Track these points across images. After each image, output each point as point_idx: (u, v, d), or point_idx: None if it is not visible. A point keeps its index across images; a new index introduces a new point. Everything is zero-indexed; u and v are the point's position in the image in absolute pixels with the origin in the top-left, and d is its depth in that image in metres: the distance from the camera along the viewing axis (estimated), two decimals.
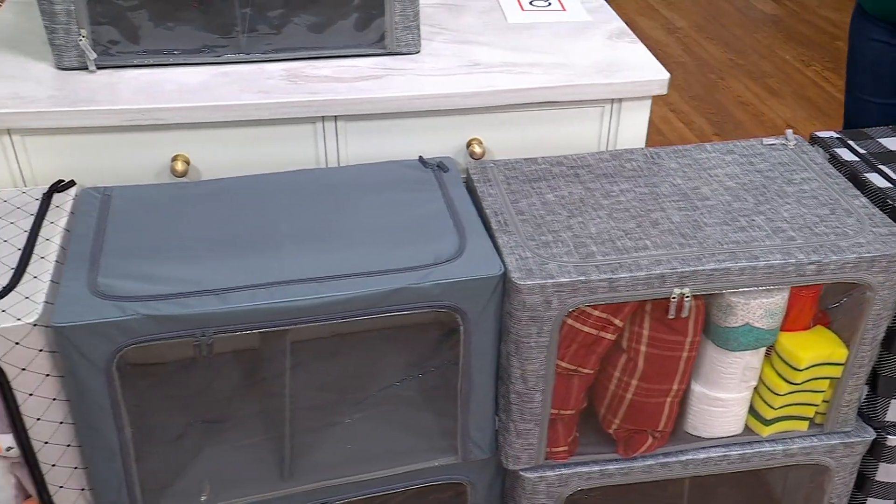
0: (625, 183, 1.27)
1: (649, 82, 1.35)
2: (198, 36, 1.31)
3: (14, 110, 1.18)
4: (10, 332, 0.96)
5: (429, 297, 1.07)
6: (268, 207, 1.20)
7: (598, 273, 1.06)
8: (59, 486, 1.08)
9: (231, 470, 1.20)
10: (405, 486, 1.27)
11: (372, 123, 1.33)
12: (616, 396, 1.20)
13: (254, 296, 1.03)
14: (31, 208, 1.17)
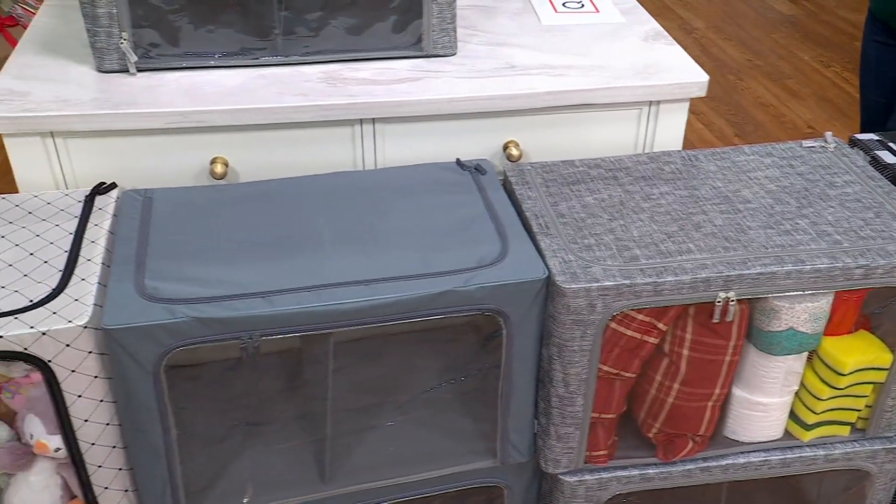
0: (664, 185, 1.27)
1: (688, 84, 1.35)
2: (236, 38, 1.31)
3: (58, 113, 1.18)
4: (61, 334, 0.96)
5: (472, 301, 1.06)
6: (307, 210, 1.20)
7: (642, 277, 1.06)
8: (104, 487, 1.09)
9: (271, 472, 1.20)
10: (443, 490, 1.27)
11: (409, 126, 1.33)
12: (657, 400, 1.20)
13: (299, 299, 1.03)
14: (75, 210, 1.17)
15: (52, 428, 1.03)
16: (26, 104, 1.19)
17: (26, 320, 0.96)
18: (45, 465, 1.07)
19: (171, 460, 1.07)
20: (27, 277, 1.03)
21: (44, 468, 1.07)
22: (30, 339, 0.95)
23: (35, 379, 1.04)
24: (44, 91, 1.23)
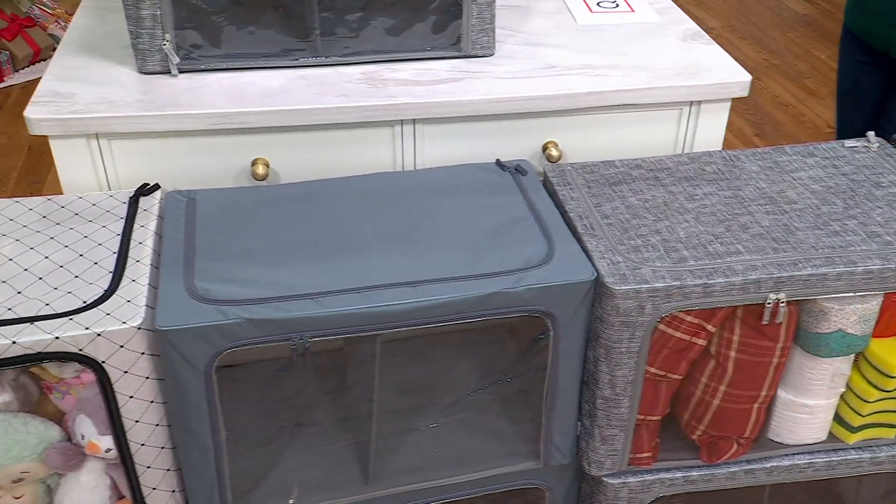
0: (707, 186, 1.27)
1: (731, 84, 1.35)
2: (276, 40, 1.32)
3: (104, 115, 1.19)
4: (116, 336, 0.97)
5: (521, 302, 1.07)
6: (350, 210, 1.20)
7: (692, 278, 1.06)
8: (152, 487, 1.09)
9: (315, 473, 1.20)
10: (485, 491, 1.27)
11: (448, 126, 1.33)
12: (702, 402, 1.19)
13: (348, 300, 1.03)
14: (120, 212, 1.18)
15: (103, 428, 1.04)
16: (72, 106, 1.20)
17: (81, 321, 0.96)
18: (94, 466, 1.08)
19: (220, 461, 1.08)
20: (78, 279, 1.04)
21: (93, 468, 1.08)
22: (85, 340, 0.96)
23: (86, 380, 1.05)
24: (88, 93, 1.23)
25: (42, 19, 3.85)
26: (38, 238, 1.10)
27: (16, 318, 0.96)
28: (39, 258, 1.07)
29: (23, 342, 0.94)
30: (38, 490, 1.09)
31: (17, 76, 3.63)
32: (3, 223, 1.13)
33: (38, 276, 1.03)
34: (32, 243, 1.09)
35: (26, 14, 3.79)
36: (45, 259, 1.06)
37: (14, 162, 3.04)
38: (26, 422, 1.03)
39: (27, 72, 3.67)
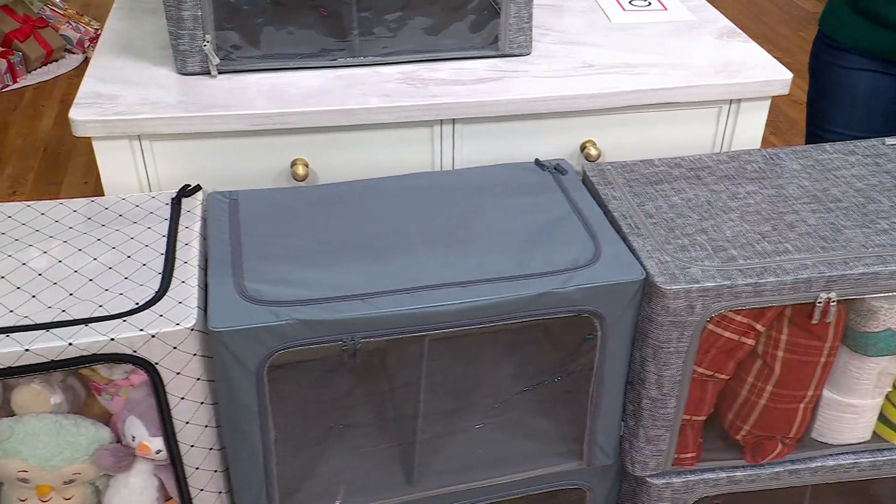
0: (749, 185, 1.27)
1: (771, 82, 1.35)
2: (316, 40, 1.33)
3: (148, 116, 1.20)
4: (169, 337, 0.98)
5: (570, 302, 1.07)
6: (393, 211, 1.21)
7: (742, 277, 1.07)
8: (199, 489, 1.10)
9: (360, 474, 1.21)
10: (527, 492, 1.28)
11: (487, 126, 1.34)
12: (748, 402, 1.20)
13: (398, 300, 1.04)
14: (163, 213, 1.19)
15: (153, 430, 1.05)
16: (116, 107, 1.21)
17: (135, 323, 0.98)
18: (143, 467, 1.09)
19: (269, 462, 1.09)
20: (128, 280, 1.05)
21: (142, 470, 1.09)
22: (139, 342, 0.97)
23: (135, 381, 1.06)
24: (131, 94, 1.25)
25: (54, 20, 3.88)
26: (85, 240, 1.12)
27: (70, 319, 0.97)
28: (88, 260, 1.08)
29: (78, 343, 0.95)
30: (87, 492, 1.10)
31: (29, 77, 3.66)
32: (49, 225, 1.14)
33: (89, 278, 1.05)
34: (80, 245, 1.11)
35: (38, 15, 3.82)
36: (93, 261, 1.08)
37: (30, 163, 3.06)
38: (77, 423, 1.05)
39: (40, 72, 3.70)
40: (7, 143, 3.19)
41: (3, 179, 2.96)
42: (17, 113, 3.43)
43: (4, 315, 0.98)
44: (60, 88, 3.62)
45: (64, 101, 3.51)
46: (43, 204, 1.18)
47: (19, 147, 3.17)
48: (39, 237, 1.12)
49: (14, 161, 3.08)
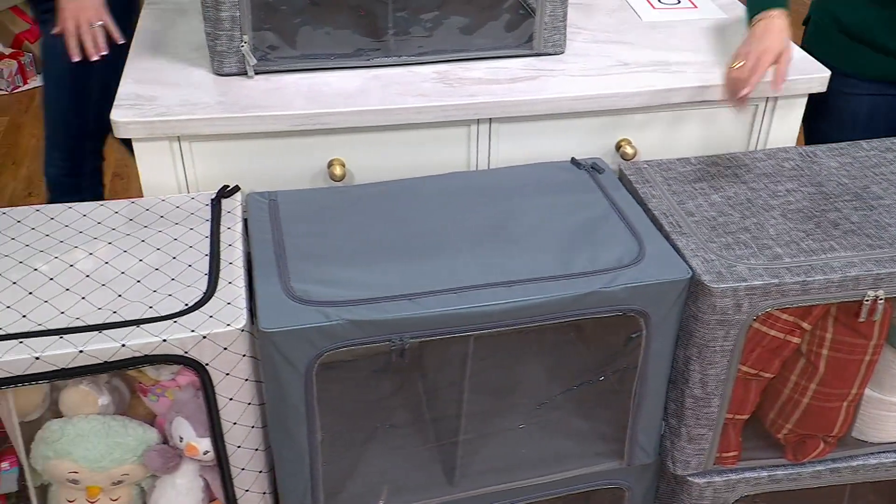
0: (788, 182, 1.28)
1: (810, 80, 1.36)
2: (352, 40, 1.34)
3: (188, 117, 1.21)
4: (220, 338, 0.99)
5: (616, 301, 1.09)
6: (432, 210, 1.22)
7: (790, 276, 1.08)
8: (245, 489, 1.12)
9: (401, 474, 1.22)
10: (567, 491, 1.29)
11: (523, 125, 1.36)
12: (790, 401, 1.21)
13: (445, 300, 1.05)
14: (204, 214, 1.20)
15: (201, 430, 1.06)
16: (156, 109, 1.22)
17: (186, 324, 0.99)
18: (189, 468, 1.10)
19: (315, 462, 1.10)
20: (175, 281, 1.06)
21: (189, 470, 1.10)
22: (191, 343, 0.98)
23: (181, 382, 1.08)
24: (169, 95, 1.26)
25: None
26: (129, 241, 1.13)
27: (122, 320, 0.99)
28: (134, 261, 1.09)
29: (131, 345, 0.96)
30: (133, 493, 1.11)
31: (39, 78, 3.67)
32: (92, 226, 1.16)
33: (136, 279, 1.06)
34: (125, 246, 1.12)
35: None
36: (139, 262, 1.09)
37: None
38: (125, 424, 1.06)
39: None
40: (20, 145, 3.20)
41: (18, 181, 2.97)
42: (28, 114, 3.44)
43: (56, 317, 0.99)
44: None
45: None
46: (85, 205, 1.20)
47: (32, 148, 3.18)
48: (84, 238, 1.13)
49: (28, 162, 3.09)
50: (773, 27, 1.20)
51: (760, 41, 1.20)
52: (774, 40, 1.20)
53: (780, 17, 1.21)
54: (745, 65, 1.20)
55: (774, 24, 1.20)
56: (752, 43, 1.21)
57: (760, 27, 1.21)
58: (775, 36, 1.20)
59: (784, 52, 1.20)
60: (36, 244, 1.11)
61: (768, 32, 1.20)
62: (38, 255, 1.09)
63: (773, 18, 1.21)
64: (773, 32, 1.20)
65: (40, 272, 1.06)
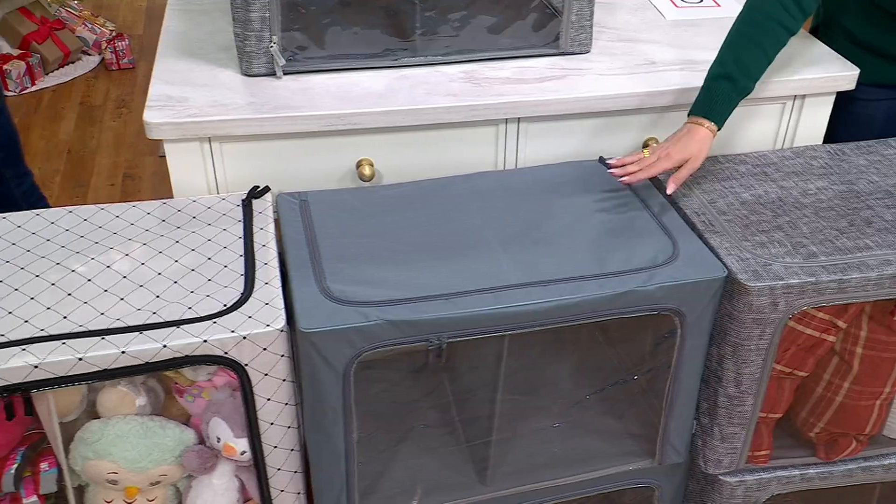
0: (818, 181, 1.29)
1: (838, 77, 1.37)
2: (380, 40, 1.35)
3: (220, 118, 1.22)
4: (260, 338, 1.00)
5: (652, 300, 1.09)
6: (463, 210, 1.23)
7: (826, 274, 1.08)
8: (280, 489, 1.12)
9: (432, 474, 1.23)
10: (597, 491, 1.30)
11: (551, 124, 1.36)
12: (823, 399, 1.22)
13: (481, 300, 1.06)
14: (235, 214, 1.21)
15: (238, 431, 1.07)
16: (188, 110, 1.23)
17: (226, 324, 1.00)
18: (226, 468, 1.11)
19: (350, 462, 1.11)
20: (212, 282, 1.07)
21: (225, 471, 1.11)
22: (231, 343, 0.99)
23: (218, 382, 1.09)
24: (200, 96, 1.27)
25: (70, 22, 3.90)
26: (163, 242, 1.14)
27: (162, 321, 0.99)
28: (170, 262, 1.10)
29: (172, 346, 0.97)
30: (168, 493, 1.12)
31: (47, 79, 3.68)
32: (126, 227, 1.16)
33: (173, 280, 1.07)
34: (160, 247, 1.13)
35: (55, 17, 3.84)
36: (175, 263, 1.10)
37: (55, 166, 3.09)
38: (163, 425, 1.07)
39: (57, 74, 3.72)
40: (30, 146, 3.21)
41: None
42: (37, 115, 3.45)
43: (96, 318, 1.00)
44: (79, 90, 3.64)
45: (84, 102, 3.54)
46: (117, 207, 1.20)
47: (42, 149, 3.19)
48: (118, 240, 1.14)
49: (39, 163, 3.10)
50: (696, 135, 1.22)
51: (676, 143, 1.22)
52: (689, 147, 1.22)
53: (707, 129, 1.22)
54: (648, 158, 1.23)
55: (698, 132, 1.22)
56: (669, 142, 1.23)
57: (685, 129, 1.23)
58: (693, 143, 1.22)
59: (691, 160, 1.22)
60: (71, 245, 1.12)
61: (688, 137, 1.22)
62: (75, 256, 1.10)
63: (700, 128, 1.22)
64: (692, 140, 1.22)
65: (78, 273, 1.07)
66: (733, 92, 1.23)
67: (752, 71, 1.24)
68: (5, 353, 0.93)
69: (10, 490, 1.03)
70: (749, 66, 1.24)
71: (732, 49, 1.25)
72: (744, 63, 1.23)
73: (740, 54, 1.24)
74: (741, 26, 1.26)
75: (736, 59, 1.23)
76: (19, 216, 1.18)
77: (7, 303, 1.01)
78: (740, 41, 1.25)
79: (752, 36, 1.24)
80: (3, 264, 1.08)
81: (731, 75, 1.23)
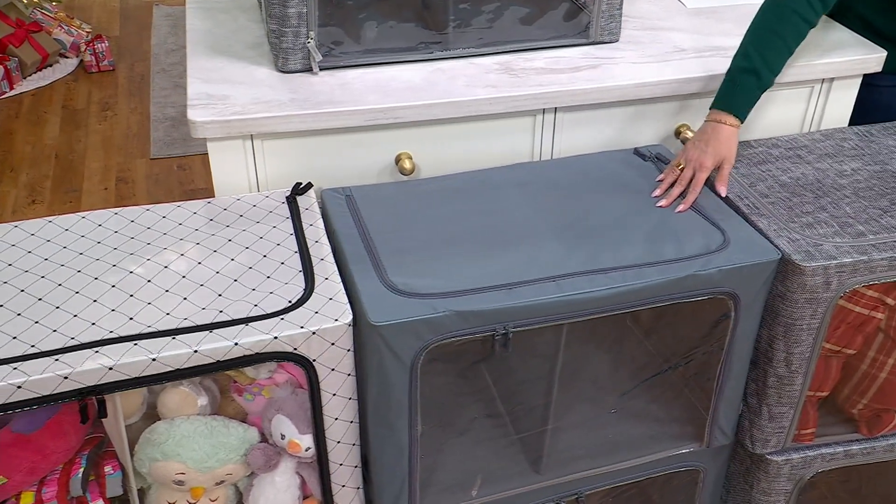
0: (851, 162, 1.33)
1: (866, 60, 1.41)
2: (415, 33, 1.36)
3: (263, 115, 1.22)
4: (328, 333, 1.01)
5: (711, 284, 1.12)
6: (509, 201, 1.25)
7: (877, 252, 1.12)
8: (341, 485, 1.14)
9: (489, 463, 1.25)
10: (645, 475, 1.33)
11: (586, 113, 1.39)
12: (867, 376, 1.26)
13: (545, 289, 1.08)
14: (282, 211, 1.22)
15: (303, 427, 1.08)
16: (231, 108, 1.23)
17: (293, 321, 1.01)
18: (288, 465, 1.12)
19: (413, 455, 1.13)
20: (272, 279, 1.08)
21: (287, 468, 1.12)
22: (300, 339, 1.00)
23: (279, 380, 1.09)
24: (240, 94, 1.27)
25: (46, 24, 3.85)
26: (216, 241, 1.14)
27: (231, 319, 1.00)
28: (226, 260, 1.10)
29: (243, 343, 0.98)
30: (229, 493, 1.13)
31: (25, 83, 3.63)
32: (175, 227, 1.17)
33: (233, 279, 1.07)
34: (213, 246, 1.13)
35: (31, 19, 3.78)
36: (231, 261, 1.10)
37: (44, 171, 3.05)
38: (227, 424, 1.08)
39: (36, 78, 3.67)
40: (15, 151, 3.17)
41: (19, 188, 2.94)
42: (19, 120, 3.40)
43: (163, 318, 1.00)
44: (60, 94, 3.60)
45: (66, 106, 3.50)
46: (162, 207, 1.20)
47: (29, 155, 3.15)
48: (170, 240, 1.14)
49: (26, 169, 3.06)
50: (722, 135, 1.25)
51: (705, 149, 1.25)
52: (719, 150, 1.25)
53: (730, 126, 1.26)
54: (685, 172, 1.25)
55: (723, 131, 1.25)
56: (698, 150, 1.26)
57: (709, 129, 1.27)
58: (721, 146, 1.25)
59: (726, 161, 1.26)
60: (123, 247, 1.12)
61: (715, 141, 1.25)
62: (130, 257, 1.10)
63: (723, 126, 1.26)
64: (719, 142, 1.25)
65: (136, 274, 1.07)
66: (757, 87, 1.27)
67: (776, 65, 1.28)
68: (78, 356, 0.93)
69: (77, 494, 1.02)
70: (773, 61, 1.28)
71: (756, 43, 1.28)
72: (768, 58, 1.27)
73: (764, 49, 1.27)
74: (764, 19, 1.29)
75: (761, 54, 1.27)
76: (63, 219, 1.17)
77: (70, 306, 1.01)
78: (764, 35, 1.28)
79: (775, 30, 1.28)
80: (59, 268, 1.08)
81: (757, 69, 1.26)
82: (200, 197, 1.76)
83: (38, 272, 1.07)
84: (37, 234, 1.15)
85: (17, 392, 0.92)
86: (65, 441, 1.02)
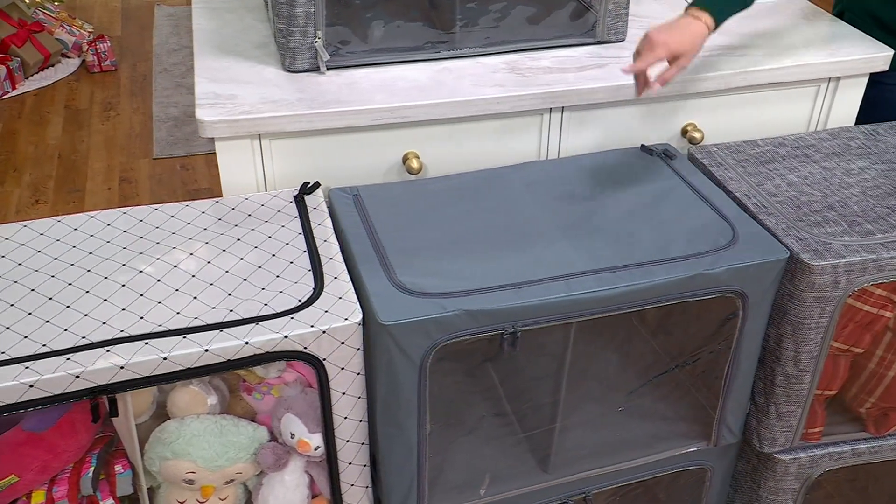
0: (859, 161, 1.33)
1: (874, 59, 1.42)
2: (422, 33, 1.37)
3: (271, 114, 1.23)
4: (338, 332, 1.01)
5: (718, 283, 1.13)
6: (517, 200, 1.25)
7: (886, 251, 1.12)
8: (350, 484, 1.14)
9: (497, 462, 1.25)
10: (652, 474, 1.33)
11: (593, 112, 1.39)
12: (874, 375, 1.26)
13: (553, 288, 1.08)
14: (290, 211, 1.22)
15: (312, 426, 1.08)
16: (239, 107, 1.24)
17: (303, 320, 1.01)
18: (297, 464, 1.12)
19: (422, 454, 1.13)
20: (281, 278, 1.08)
21: (296, 467, 1.12)
22: (310, 338, 1.00)
23: (288, 378, 1.10)
24: (248, 93, 1.27)
25: (48, 24, 3.85)
26: (224, 240, 1.14)
27: (241, 318, 1.00)
28: (235, 260, 1.11)
29: (254, 342, 0.98)
30: (238, 492, 1.13)
31: (28, 83, 3.64)
32: (183, 227, 1.17)
33: (243, 278, 1.08)
34: (222, 245, 1.13)
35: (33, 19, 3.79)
36: (241, 260, 1.11)
37: (47, 171, 3.05)
38: (237, 423, 1.08)
39: (38, 78, 3.68)
40: (18, 151, 3.17)
41: (23, 188, 2.95)
42: (22, 120, 3.41)
43: (173, 317, 1.00)
44: (62, 94, 3.61)
45: (69, 106, 3.50)
46: (171, 206, 1.21)
47: (32, 155, 3.15)
48: (179, 239, 1.14)
49: (29, 169, 3.06)
50: (692, 28, 1.21)
51: (672, 32, 1.21)
52: (684, 40, 1.21)
53: (704, 24, 1.22)
54: (657, 52, 1.21)
55: (694, 26, 1.22)
56: (664, 31, 1.22)
57: (682, 21, 1.23)
58: (687, 37, 1.21)
59: (682, 57, 1.21)
60: (133, 247, 1.12)
61: (684, 29, 1.21)
62: (139, 257, 1.10)
63: (697, 22, 1.22)
64: (687, 33, 1.21)
65: (146, 274, 1.07)
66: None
67: None
68: (90, 355, 0.94)
69: (88, 493, 1.03)
70: None
71: None
72: None
73: None
74: None
75: None
76: (72, 219, 1.18)
77: (81, 305, 1.01)
78: None
79: None
80: (69, 267, 1.08)
81: None
82: (204, 197, 1.77)
83: (47, 271, 1.08)
84: (46, 234, 1.15)
85: (28, 391, 0.92)
86: (76, 440, 1.02)
